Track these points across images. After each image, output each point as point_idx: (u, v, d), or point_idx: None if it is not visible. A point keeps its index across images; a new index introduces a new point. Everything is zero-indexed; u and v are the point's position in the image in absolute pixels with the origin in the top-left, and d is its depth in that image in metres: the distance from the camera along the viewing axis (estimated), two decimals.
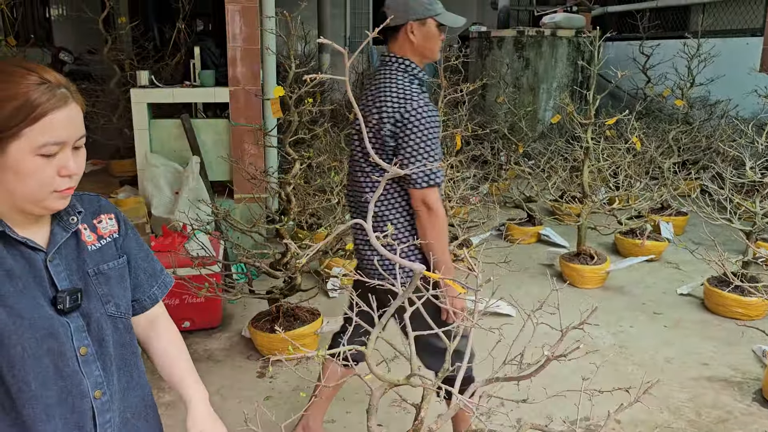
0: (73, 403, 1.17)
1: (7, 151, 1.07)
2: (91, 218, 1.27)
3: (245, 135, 4.57)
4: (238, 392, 3.23)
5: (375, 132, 2.18)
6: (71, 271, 1.19)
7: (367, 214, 1.23)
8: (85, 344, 1.18)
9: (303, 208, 3.60)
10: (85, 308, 1.19)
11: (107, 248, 1.27)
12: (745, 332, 3.91)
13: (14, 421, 1.13)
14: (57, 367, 1.14)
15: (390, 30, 2.23)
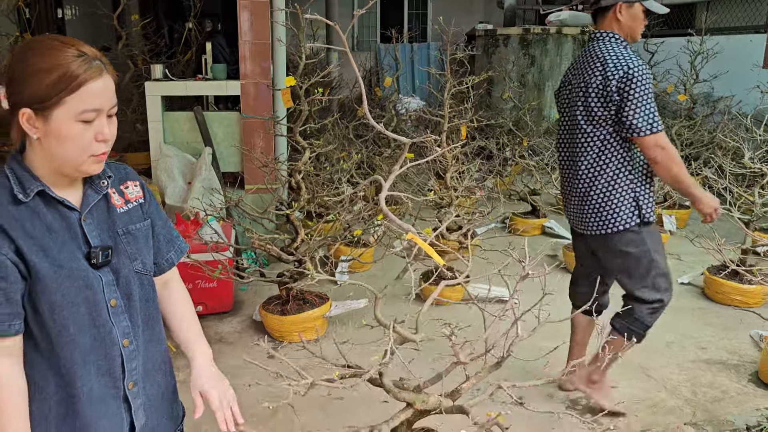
0: (105, 350, 1.30)
1: (50, 118, 1.19)
2: (119, 184, 1.39)
3: (256, 127, 4.69)
4: (249, 373, 3.34)
5: (596, 92, 2.53)
6: (102, 230, 1.31)
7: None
8: (115, 297, 1.30)
9: (313, 196, 3.71)
10: (115, 264, 1.31)
11: (134, 211, 1.39)
12: (743, 318, 4.02)
13: (53, 364, 1.26)
14: (91, 315, 1.26)
15: (600, 10, 2.63)
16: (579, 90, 2.63)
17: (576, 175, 2.73)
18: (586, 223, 2.75)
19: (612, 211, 2.65)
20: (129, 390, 1.34)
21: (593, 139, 2.62)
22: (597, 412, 2.97)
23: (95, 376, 1.28)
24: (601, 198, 2.66)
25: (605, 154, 2.62)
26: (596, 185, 2.66)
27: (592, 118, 2.59)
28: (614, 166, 2.62)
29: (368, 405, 2.89)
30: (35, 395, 1.26)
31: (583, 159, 2.67)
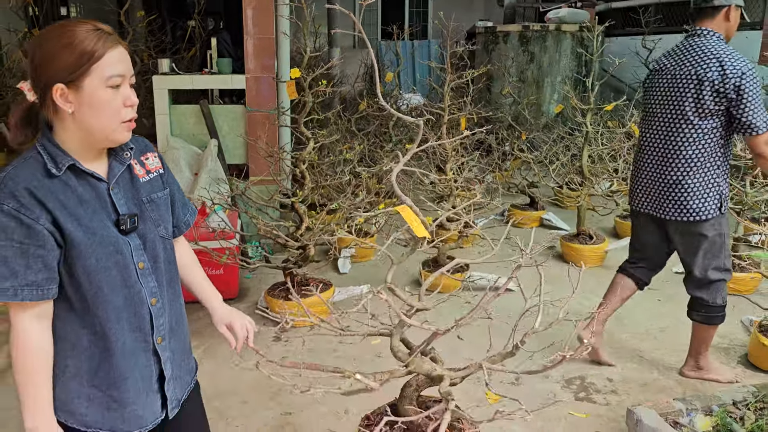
0: (135, 308, 1.42)
1: (82, 88, 1.31)
2: (140, 155, 1.50)
3: (260, 120, 4.80)
4: (255, 354, 3.46)
5: (711, 87, 2.72)
6: (128, 199, 1.43)
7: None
8: (143, 260, 1.43)
9: (317, 185, 3.82)
10: (141, 230, 1.43)
11: (155, 181, 1.51)
12: (736, 305, 4.12)
13: (87, 322, 1.38)
14: (122, 277, 1.39)
15: (710, 9, 2.83)
16: (690, 82, 2.80)
17: (671, 163, 2.91)
18: (669, 210, 2.95)
19: (700, 202, 2.88)
20: (158, 344, 1.47)
21: (699, 132, 2.81)
22: (590, 391, 3.09)
23: (128, 332, 1.41)
24: (693, 187, 2.87)
25: (707, 147, 2.82)
26: (691, 175, 2.86)
27: (703, 110, 2.77)
28: (712, 159, 2.84)
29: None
30: (69, 352, 1.39)
31: (685, 149, 2.86)
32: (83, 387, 1.40)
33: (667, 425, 2.47)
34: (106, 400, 1.42)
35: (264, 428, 2.78)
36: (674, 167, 2.91)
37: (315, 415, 2.87)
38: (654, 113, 3.02)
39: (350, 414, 2.87)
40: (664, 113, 2.94)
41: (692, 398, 2.68)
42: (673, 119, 2.89)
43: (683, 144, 2.86)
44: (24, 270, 1.28)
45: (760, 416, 2.46)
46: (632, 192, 3.18)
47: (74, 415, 1.40)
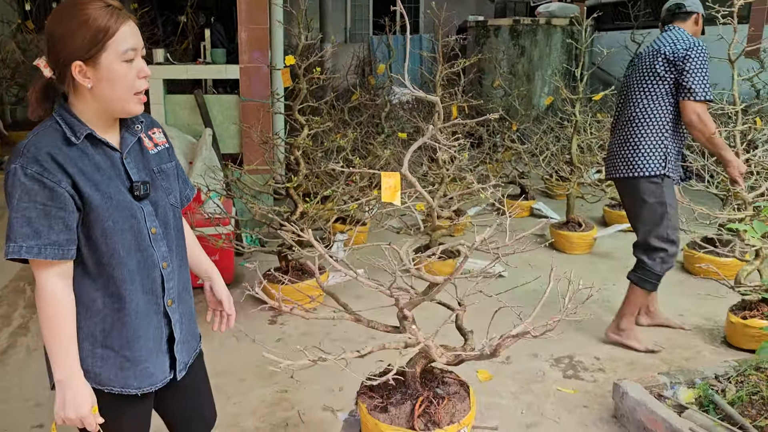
0: (148, 271, 1.50)
1: (99, 64, 1.38)
2: (148, 129, 1.59)
3: (254, 110, 4.86)
4: (252, 335, 3.52)
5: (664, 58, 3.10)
6: (140, 168, 1.51)
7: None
8: (155, 226, 1.51)
9: (311, 171, 3.89)
10: (153, 198, 1.51)
11: (163, 153, 1.60)
12: (720, 289, 4.22)
13: (101, 285, 1.46)
14: (137, 241, 1.47)
15: (683, 14, 3.24)
16: (649, 57, 3.19)
17: (624, 125, 3.29)
18: (619, 168, 3.29)
19: (645, 158, 3.19)
20: (168, 307, 1.55)
21: (648, 95, 3.18)
22: (578, 369, 3.18)
23: (141, 294, 1.48)
24: (639, 145, 3.20)
25: (655, 110, 3.17)
26: (638, 133, 3.20)
27: (653, 76, 3.15)
28: (659, 122, 3.17)
29: (362, 365, 3.07)
30: (83, 314, 1.45)
31: (635, 111, 3.23)
32: (96, 347, 1.47)
33: (651, 397, 2.56)
34: (119, 360, 1.49)
35: (261, 404, 2.85)
36: (625, 128, 3.28)
37: (310, 392, 2.94)
38: (621, 91, 3.42)
39: (344, 391, 2.94)
40: (627, 87, 3.34)
41: (676, 372, 2.77)
42: (631, 89, 3.28)
43: (634, 107, 3.24)
44: (47, 230, 1.36)
45: (741, 388, 2.55)
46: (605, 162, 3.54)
47: (88, 374, 1.47)
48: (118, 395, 1.50)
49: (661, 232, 3.20)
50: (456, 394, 1.96)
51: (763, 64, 6.02)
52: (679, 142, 3.26)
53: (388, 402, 1.95)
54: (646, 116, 3.19)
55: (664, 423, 2.39)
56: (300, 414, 2.77)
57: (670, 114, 3.18)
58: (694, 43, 3.08)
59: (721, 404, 2.44)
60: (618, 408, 2.72)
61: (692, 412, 2.44)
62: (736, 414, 2.37)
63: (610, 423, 2.71)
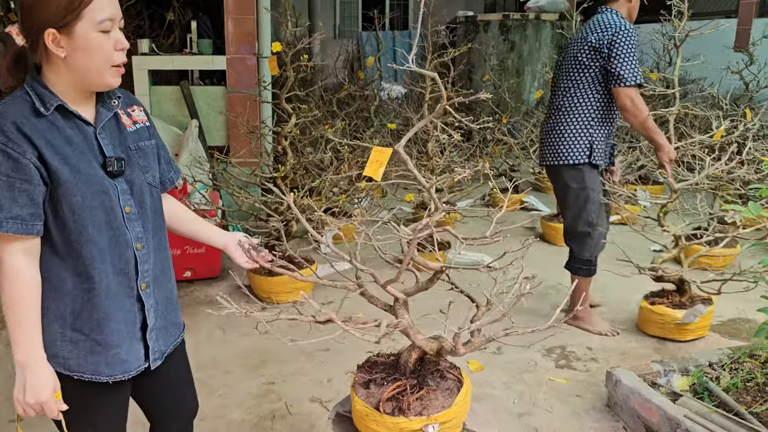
0: (120, 251, 1.43)
1: (74, 33, 1.32)
2: (127, 107, 1.52)
3: (241, 101, 4.78)
4: (239, 329, 3.46)
5: (589, 46, 3.08)
6: (115, 145, 1.44)
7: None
8: (129, 204, 1.44)
9: (299, 161, 3.82)
10: (129, 175, 1.44)
11: (141, 131, 1.52)
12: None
13: (70, 264, 1.38)
14: (108, 218, 1.40)
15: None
16: (575, 46, 3.19)
17: (551, 114, 3.30)
18: (546, 155, 3.34)
19: (569, 146, 3.22)
20: (142, 290, 1.48)
21: (574, 84, 3.18)
22: (570, 359, 3.14)
23: (112, 274, 1.41)
24: (565, 133, 3.22)
25: (581, 99, 3.17)
26: (565, 122, 3.21)
27: (579, 65, 3.15)
28: (585, 110, 3.17)
29: (352, 356, 3.01)
30: (52, 294, 1.38)
31: (562, 100, 3.24)
32: (66, 330, 1.40)
33: (645, 385, 2.52)
34: (89, 343, 1.42)
35: (247, 397, 2.78)
36: (553, 117, 3.29)
37: (298, 384, 2.88)
38: (553, 80, 3.43)
39: (333, 382, 2.88)
40: (556, 76, 3.35)
41: (670, 360, 2.73)
42: (560, 78, 3.29)
43: (561, 96, 3.25)
44: (9, 203, 1.29)
45: (735, 375, 2.52)
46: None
47: (56, 358, 1.40)
48: (89, 382, 1.44)
49: (586, 216, 3.25)
50: (447, 390, 1.87)
51: (752, 58, 6.02)
52: (607, 131, 3.25)
53: (372, 380, 1.90)
54: (572, 105, 3.20)
55: (659, 410, 2.35)
56: (287, 406, 2.71)
57: (597, 103, 3.16)
58: (620, 28, 3.01)
59: (716, 391, 2.41)
60: (611, 397, 2.68)
61: (687, 399, 2.41)
62: (731, 401, 2.33)
63: (603, 412, 2.67)
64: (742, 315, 3.66)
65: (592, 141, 3.20)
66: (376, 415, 1.78)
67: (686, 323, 3.23)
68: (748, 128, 4.39)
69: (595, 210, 3.25)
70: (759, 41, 6.06)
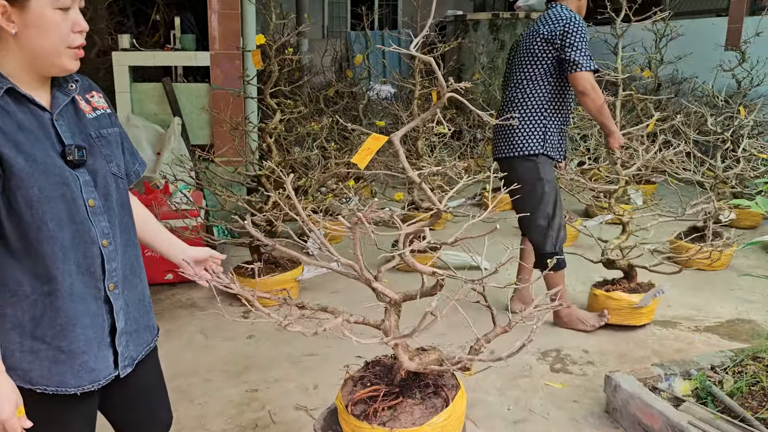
0: (85, 248, 1.29)
1: (28, 7, 1.19)
2: (85, 92, 1.39)
3: (225, 98, 4.64)
4: (221, 333, 3.32)
5: (541, 38, 3.09)
6: (75, 132, 1.31)
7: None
8: (93, 197, 1.31)
9: (284, 160, 3.69)
10: (91, 165, 1.31)
11: (103, 118, 1.39)
12: (708, 279, 4.12)
13: (28, 265, 1.24)
14: (70, 212, 1.26)
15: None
16: (528, 40, 3.18)
17: (506, 107, 3.25)
18: (500, 148, 3.27)
19: (524, 138, 3.19)
20: (110, 291, 1.35)
21: (527, 76, 3.17)
22: (566, 363, 3.02)
23: (76, 274, 1.28)
24: (520, 125, 3.18)
25: (534, 90, 3.16)
26: (519, 115, 3.18)
27: (531, 57, 3.15)
28: (538, 102, 3.17)
29: (340, 361, 2.88)
30: (8, 299, 1.24)
31: (516, 92, 3.22)
32: (25, 339, 1.26)
33: (646, 390, 2.41)
34: (52, 352, 1.28)
35: (228, 405, 2.64)
36: (506, 109, 3.25)
37: (282, 391, 2.74)
38: (505, 74, 3.42)
39: (319, 389, 2.75)
40: (509, 69, 3.34)
41: (670, 364, 2.63)
42: (513, 71, 3.27)
43: (514, 88, 3.23)
44: None
45: (739, 379, 2.41)
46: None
47: (16, 371, 1.26)
48: (54, 396, 1.29)
49: (543, 209, 3.22)
50: (430, 408, 1.72)
51: (744, 56, 5.96)
52: (561, 122, 3.26)
53: (365, 376, 1.79)
54: (525, 97, 3.19)
55: (661, 416, 2.24)
56: (271, 414, 2.57)
57: (549, 94, 3.18)
58: (570, 19, 3.06)
59: (720, 396, 2.30)
60: (610, 402, 2.56)
61: (690, 404, 2.30)
62: (736, 406, 2.22)
63: (602, 418, 2.56)
64: (742, 316, 3.57)
65: (545, 132, 3.18)
66: (345, 414, 1.73)
67: (641, 306, 3.29)
68: (741, 125, 4.32)
69: (551, 202, 3.24)
70: (751, 39, 5.98)
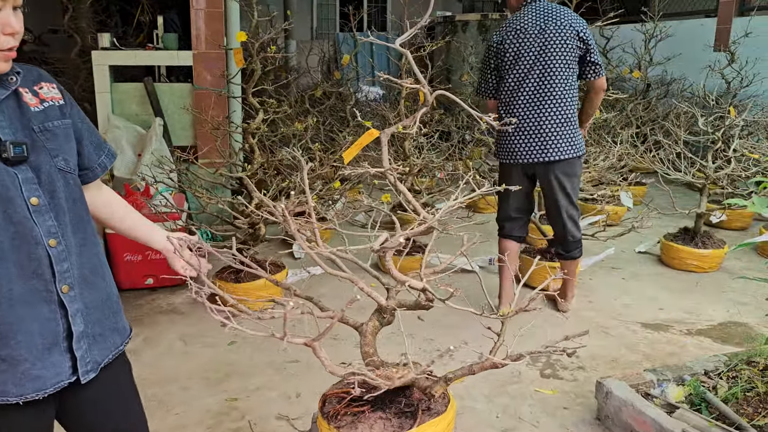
0: (28, 249, 1.21)
1: None
2: (32, 84, 1.30)
3: (208, 99, 4.54)
4: (202, 339, 3.21)
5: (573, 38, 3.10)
6: (15, 128, 1.22)
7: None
8: (36, 195, 1.22)
9: (267, 160, 3.59)
10: (34, 162, 1.23)
11: (50, 110, 1.30)
12: (699, 281, 4.06)
13: None
14: (6, 213, 1.18)
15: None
16: (562, 32, 3.10)
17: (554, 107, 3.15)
18: (559, 150, 3.17)
19: (578, 139, 3.22)
20: (63, 293, 1.26)
21: (567, 74, 3.14)
22: (557, 368, 2.95)
23: (17, 277, 1.20)
24: (572, 125, 3.19)
25: (573, 88, 3.18)
26: (569, 114, 3.16)
27: (567, 55, 3.11)
28: (575, 100, 3.20)
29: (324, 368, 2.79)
30: None
31: (562, 86, 3.14)
32: None
33: (638, 396, 2.34)
34: None
35: (207, 415, 2.54)
36: (555, 107, 3.14)
37: (264, 400, 2.64)
38: (523, 73, 3.17)
39: (302, 397, 2.66)
40: (536, 68, 3.14)
41: (663, 369, 2.55)
42: (549, 66, 3.13)
43: (559, 85, 3.13)
44: None
45: (734, 384, 2.34)
46: (509, 149, 3.28)
47: None
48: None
49: (574, 200, 3.33)
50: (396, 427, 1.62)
51: (734, 56, 5.92)
52: None
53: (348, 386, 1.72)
54: (571, 94, 3.18)
55: (654, 424, 2.17)
56: (251, 424, 2.47)
57: (576, 90, 3.24)
58: (585, 23, 3.17)
59: (714, 402, 2.23)
60: (601, 409, 2.48)
61: (684, 411, 2.22)
62: (731, 413, 2.15)
63: (594, 425, 2.48)
64: (734, 318, 3.50)
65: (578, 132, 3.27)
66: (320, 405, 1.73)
67: None
68: (731, 126, 4.27)
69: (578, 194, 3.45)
70: (740, 40, 5.95)
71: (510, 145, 3.26)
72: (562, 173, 3.23)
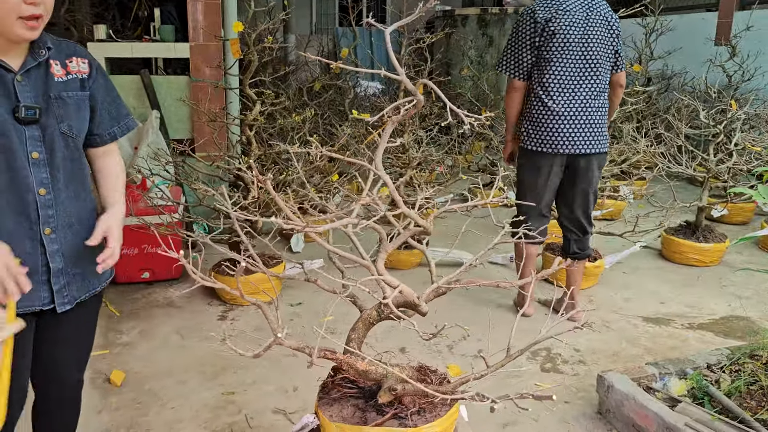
0: (21, 193, 1.46)
1: None
2: (64, 57, 1.53)
3: (206, 91, 4.49)
4: (198, 333, 3.18)
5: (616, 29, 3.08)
6: (37, 94, 1.46)
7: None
8: (39, 150, 1.47)
9: (264, 153, 3.55)
10: (44, 123, 1.47)
11: (72, 82, 1.53)
12: (700, 275, 4.03)
13: None
14: (7, 161, 1.43)
15: None
16: (603, 24, 3.03)
17: (601, 100, 3.11)
18: (601, 142, 3.11)
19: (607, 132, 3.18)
20: (45, 235, 1.50)
21: (608, 67, 3.13)
22: (557, 362, 2.91)
23: (8, 213, 1.44)
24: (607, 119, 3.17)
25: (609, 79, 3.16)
26: (607, 107, 3.16)
27: (610, 44, 3.08)
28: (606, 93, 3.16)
29: (321, 362, 2.75)
30: None
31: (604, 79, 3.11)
32: None
33: (640, 390, 2.31)
34: None
35: (203, 409, 2.50)
36: (598, 101, 3.09)
37: (260, 394, 2.61)
38: (574, 58, 3.01)
39: (299, 391, 2.63)
40: (585, 54, 3.03)
41: (665, 362, 2.52)
42: (598, 57, 3.05)
43: (603, 77, 3.10)
44: None
45: (737, 378, 2.31)
46: (548, 138, 3.05)
47: None
48: None
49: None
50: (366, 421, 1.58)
51: (735, 50, 5.88)
52: None
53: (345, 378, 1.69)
54: (606, 89, 3.16)
55: (656, 418, 2.14)
56: (248, 418, 2.44)
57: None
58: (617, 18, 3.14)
59: (717, 396, 2.20)
60: (603, 403, 2.45)
61: (686, 405, 2.19)
62: (735, 406, 2.12)
63: (595, 419, 2.45)
64: (736, 312, 3.47)
65: None
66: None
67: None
68: (733, 119, 4.23)
69: None
70: (741, 34, 5.91)
71: (551, 133, 3.02)
72: (598, 166, 3.15)
